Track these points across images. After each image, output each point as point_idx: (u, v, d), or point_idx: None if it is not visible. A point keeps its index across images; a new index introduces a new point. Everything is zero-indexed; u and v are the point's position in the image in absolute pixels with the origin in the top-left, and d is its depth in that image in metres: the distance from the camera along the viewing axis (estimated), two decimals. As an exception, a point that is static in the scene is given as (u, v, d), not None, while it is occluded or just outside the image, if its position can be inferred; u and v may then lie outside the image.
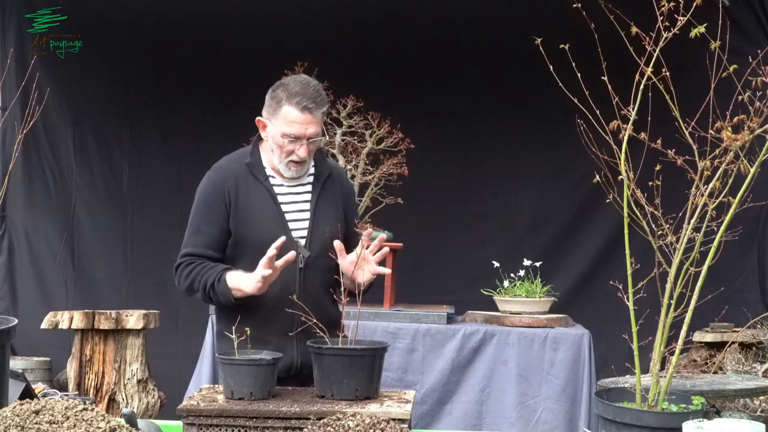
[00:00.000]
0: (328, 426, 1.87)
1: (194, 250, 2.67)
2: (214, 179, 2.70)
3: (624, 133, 2.06)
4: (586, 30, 2.20)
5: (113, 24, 5.56)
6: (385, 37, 5.50)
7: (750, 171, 1.99)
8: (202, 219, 2.69)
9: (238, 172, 2.70)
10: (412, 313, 4.35)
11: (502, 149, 5.74)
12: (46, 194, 5.78)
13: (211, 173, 2.74)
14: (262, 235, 2.62)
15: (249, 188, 2.68)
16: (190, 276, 2.65)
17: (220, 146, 5.32)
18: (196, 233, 2.69)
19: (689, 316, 2.06)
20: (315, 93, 2.62)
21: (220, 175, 2.70)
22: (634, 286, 2.09)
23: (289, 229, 2.67)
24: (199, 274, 2.63)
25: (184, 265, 2.67)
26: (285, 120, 2.61)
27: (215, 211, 2.67)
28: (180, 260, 2.69)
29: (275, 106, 2.64)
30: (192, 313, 5.03)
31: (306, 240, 2.69)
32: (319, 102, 2.63)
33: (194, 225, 2.71)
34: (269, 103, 2.67)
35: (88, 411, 1.76)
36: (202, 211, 2.69)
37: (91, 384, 4.48)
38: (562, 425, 4.16)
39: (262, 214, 2.66)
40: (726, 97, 2.04)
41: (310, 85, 2.64)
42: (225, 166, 2.74)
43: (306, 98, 2.59)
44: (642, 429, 1.97)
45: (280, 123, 2.62)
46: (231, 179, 2.68)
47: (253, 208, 2.67)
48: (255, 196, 2.68)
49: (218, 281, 2.59)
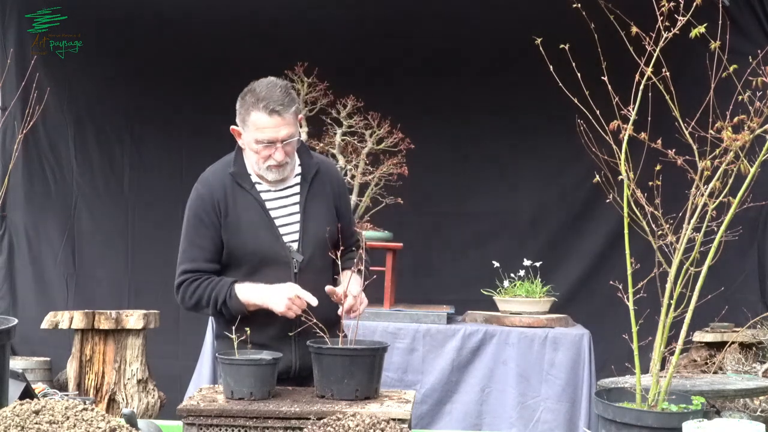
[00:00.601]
0: (328, 426, 1.87)
1: (191, 265, 2.63)
2: (202, 193, 2.66)
3: (624, 133, 2.06)
4: (586, 30, 2.20)
5: (113, 24, 5.56)
6: (385, 37, 5.50)
7: (750, 171, 1.99)
8: (196, 233, 2.64)
9: (224, 182, 2.65)
10: (412, 313, 4.35)
11: (502, 149, 5.74)
12: (47, 194, 5.78)
13: (199, 186, 2.68)
14: (253, 243, 2.61)
15: (236, 198, 2.64)
16: (196, 293, 2.62)
17: (220, 145, 5.31)
18: (191, 248, 2.65)
19: (689, 316, 2.06)
20: (282, 94, 2.55)
21: (207, 188, 2.66)
22: (634, 286, 2.09)
23: (279, 235, 2.64)
24: (206, 291, 2.60)
25: (188, 282, 2.63)
26: (255, 126, 2.55)
27: (207, 224, 2.63)
28: (181, 278, 2.65)
29: (244, 113, 2.59)
30: (193, 313, 5.02)
31: (298, 243, 2.66)
32: (287, 103, 2.55)
33: (188, 240, 2.66)
34: (239, 111, 2.62)
35: (88, 411, 1.76)
36: (194, 225, 2.65)
37: (91, 384, 4.48)
38: (562, 425, 4.16)
39: (251, 223, 2.62)
40: (726, 97, 2.04)
41: (276, 86, 2.57)
42: (210, 178, 2.69)
43: (273, 101, 2.53)
44: (642, 429, 1.97)
45: (251, 130, 2.57)
46: (219, 191, 2.64)
47: (242, 218, 2.63)
48: (243, 205, 2.64)
49: (230, 297, 2.57)
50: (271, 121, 2.54)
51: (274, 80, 2.61)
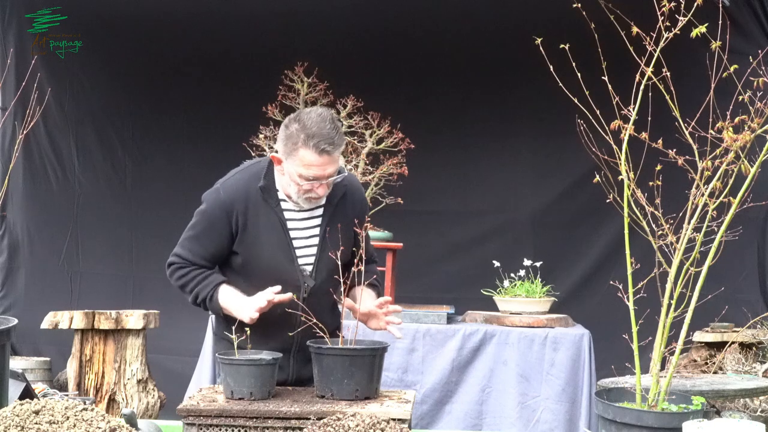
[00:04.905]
0: (328, 426, 1.87)
1: (188, 255, 2.61)
2: (224, 199, 2.59)
3: (624, 133, 2.06)
4: (586, 30, 2.20)
5: (113, 24, 5.56)
6: (385, 37, 5.50)
7: (750, 171, 1.99)
8: (203, 231, 2.61)
9: (249, 194, 2.58)
10: (412, 313, 4.35)
11: (502, 149, 5.75)
12: (49, 194, 5.79)
13: (221, 190, 2.60)
14: (267, 261, 2.57)
15: (258, 212, 2.59)
16: (182, 280, 2.61)
17: (221, 144, 5.40)
18: (195, 241, 2.62)
19: (689, 316, 2.06)
20: (333, 131, 2.45)
21: (229, 196, 2.59)
22: (634, 286, 2.09)
23: (295, 257, 2.59)
24: (191, 282, 2.60)
25: (177, 267, 2.63)
26: (303, 162, 2.46)
27: (218, 230, 2.59)
28: (173, 259, 2.64)
29: (291, 147, 2.47)
30: (194, 313, 5.02)
31: (312, 267, 2.62)
32: (337, 142, 2.47)
33: (195, 232, 2.63)
34: (285, 142, 2.49)
35: (88, 411, 1.76)
36: (205, 225, 2.61)
37: (91, 384, 4.47)
38: (562, 425, 4.16)
39: (269, 240, 2.57)
40: (726, 97, 2.04)
41: (326, 121, 2.47)
42: (235, 186, 2.60)
43: (324, 140, 2.43)
44: (642, 429, 1.97)
45: (296, 164, 2.47)
46: (241, 202, 2.57)
47: (262, 234, 2.58)
48: (264, 221, 2.59)
49: (210, 300, 2.57)
50: (320, 160, 2.45)
51: (323, 113, 2.50)
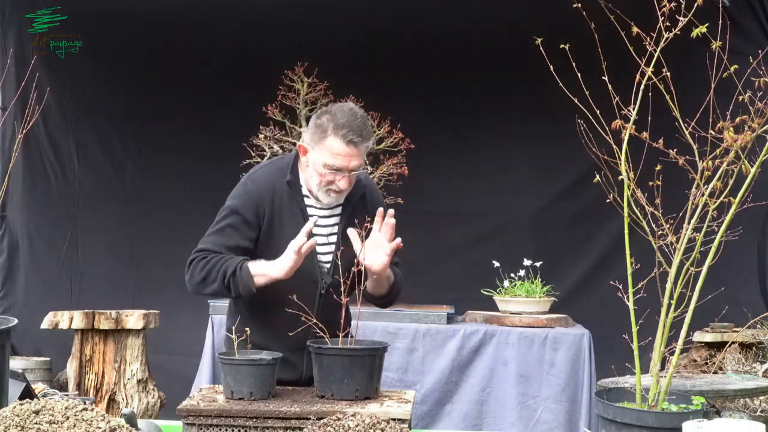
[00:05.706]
0: (328, 426, 1.87)
1: (211, 247, 2.62)
2: (252, 192, 2.65)
3: (625, 133, 2.06)
4: (586, 30, 2.20)
5: (113, 24, 5.56)
6: (385, 36, 5.50)
7: (751, 171, 1.99)
8: (229, 225, 2.64)
9: (275, 188, 2.65)
10: (412, 313, 4.35)
11: (502, 149, 5.74)
12: (49, 194, 5.79)
13: (249, 184, 2.68)
14: None
15: (283, 206, 2.65)
16: (207, 267, 2.59)
17: (221, 144, 5.41)
18: (219, 235, 2.64)
19: (689, 316, 2.06)
20: (362, 125, 2.57)
21: (257, 189, 2.65)
22: (634, 286, 2.09)
23: (315, 254, 2.64)
24: (217, 264, 2.58)
25: (199, 259, 2.62)
26: (329, 151, 2.55)
27: (244, 223, 2.63)
28: (195, 255, 2.64)
29: (320, 135, 2.57)
30: (194, 313, 5.03)
31: (331, 265, 2.67)
32: (365, 135, 2.57)
33: (219, 227, 2.65)
34: (313, 131, 2.60)
35: (88, 411, 1.76)
36: (231, 219, 2.64)
37: (91, 384, 4.47)
38: (562, 425, 4.17)
39: (292, 234, 2.56)
40: (726, 97, 2.04)
41: (357, 116, 2.58)
42: (262, 179, 2.68)
43: (353, 131, 2.54)
44: (642, 429, 1.97)
45: (323, 153, 2.56)
46: (267, 196, 2.64)
47: (286, 228, 2.62)
48: (289, 215, 2.64)
49: (240, 269, 2.54)
50: (347, 150, 2.55)
51: (354, 108, 2.61)
